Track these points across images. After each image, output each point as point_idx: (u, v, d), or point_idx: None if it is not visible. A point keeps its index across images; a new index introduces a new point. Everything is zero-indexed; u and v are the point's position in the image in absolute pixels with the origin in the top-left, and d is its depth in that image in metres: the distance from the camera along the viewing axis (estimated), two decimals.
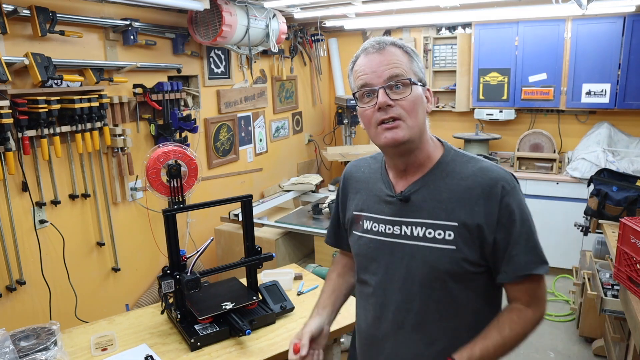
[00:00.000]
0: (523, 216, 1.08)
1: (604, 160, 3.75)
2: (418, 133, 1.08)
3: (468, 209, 1.06)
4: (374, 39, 1.11)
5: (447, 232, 1.07)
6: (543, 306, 1.12)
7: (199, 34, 3.12)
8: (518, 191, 1.09)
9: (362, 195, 1.23)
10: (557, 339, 3.20)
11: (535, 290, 1.10)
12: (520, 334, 1.09)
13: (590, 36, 3.86)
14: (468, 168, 1.10)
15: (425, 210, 1.10)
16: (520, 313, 1.09)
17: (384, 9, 3.48)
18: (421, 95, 1.09)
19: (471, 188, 1.07)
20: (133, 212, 2.97)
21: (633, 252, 1.95)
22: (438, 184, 1.10)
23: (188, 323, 1.70)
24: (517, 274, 1.07)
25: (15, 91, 2.21)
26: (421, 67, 1.11)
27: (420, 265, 1.09)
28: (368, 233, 1.18)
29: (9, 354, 1.45)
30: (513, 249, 1.06)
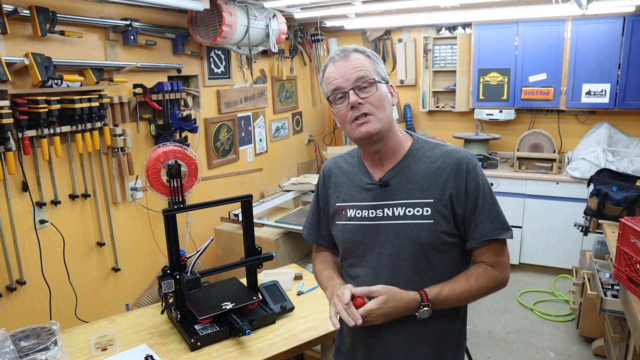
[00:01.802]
0: (485, 188, 1.24)
1: (603, 160, 3.75)
2: (387, 124, 1.23)
3: (440, 186, 1.21)
4: (339, 48, 1.26)
5: (424, 208, 1.21)
6: (506, 271, 1.28)
7: (199, 34, 3.12)
8: (479, 168, 1.25)
9: (343, 188, 1.35)
10: (557, 339, 3.20)
11: (499, 254, 1.26)
12: (484, 287, 1.24)
13: (590, 36, 3.86)
14: (435, 152, 1.26)
15: (404, 192, 1.24)
16: (487, 269, 1.25)
17: (384, 9, 3.48)
18: (386, 92, 1.24)
19: (441, 168, 1.23)
20: (133, 212, 2.97)
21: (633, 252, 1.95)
22: (412, 168, 1.26)
23: (188, 323, 1.70)
24: (483, 239, 1.22)
25: (15, 91, 2.21)
26: (382, 67, 1.27)
27: (404, 240, 1.22)
28: (352, 220, 1.30)
29: (9, 354, 1.45)
30: (478, 217, 1.22)
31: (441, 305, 1.21)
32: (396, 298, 1.18)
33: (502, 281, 1.27)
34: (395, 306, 1.18)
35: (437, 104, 4.74)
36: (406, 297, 1.19)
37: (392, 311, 1.18)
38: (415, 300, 1.19)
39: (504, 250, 1.27)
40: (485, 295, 1.27)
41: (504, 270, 1.27)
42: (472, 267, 1.27)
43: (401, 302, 1.18)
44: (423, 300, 1.19)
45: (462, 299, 1.23)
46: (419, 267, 1.23)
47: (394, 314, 1.18)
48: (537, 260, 4.09)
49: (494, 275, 1.25)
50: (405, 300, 1.19)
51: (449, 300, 1.21)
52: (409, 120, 4.91)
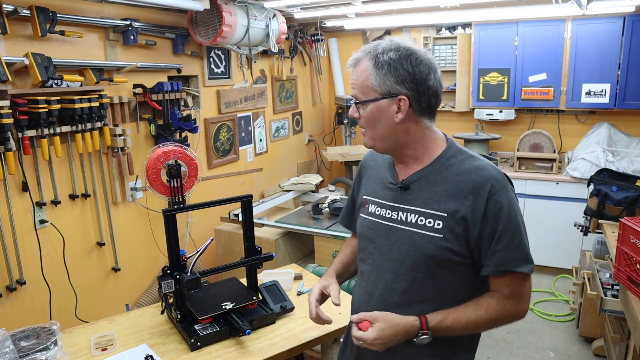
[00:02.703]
0: (511, 214, 1.13)
1: (603, 160, 3.75)
2: (382, 141, 1.20)
3: (458, 202, 1.13)
4: (361, 49, 1.19)
5: (436, 221, 1.15)
6: (524, 304, 1.18)
7: (199, 34, 3.12)
8: (508, 191, 1.15)
9: (372, 182, 1.34)
10: (557, 339, 3.20)
11: (518, 286, 1.16)
12: (494, 320, 1.16)
13: (590, 36, 3.86)
14: (465, 164, 1.17)
15: (421, 199, 1.18)
16: (501, 301, 1.16)
17: (384, 9, 3.48)
18: (381, 109, 1.15)
19: (464, 183, 1.14)
20: (133, 212, 2.97)
21: (633, 252, 1.95)
22: (435, 177, 1.18)
23: (188, 323, 1.70)
24: (499, 269, 1.13)
25: (15, 91, 2.21)
26: (395, 76, 1.12)
27: (410, 249, 1.18)
28: (371, 216, 1.29)
29: (9, 354, 1.45)
30: (497, 244, 1.12)
31: (443, 333, 1.15)
32: (392, 324, 1.14)
33: (516, 314, 1.18)
34: (393, 333, 1.14)
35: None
36: (404, 322, 1.15)
37: (391, 339, 1.13)
38: (413, 327, 1.14)
39: (523, 283, 1.17)
40: (496, 327, 1.19)
41: (521, 304, 1.18)
42: (486, 295, 1.18)
43: (398, 327, 1.14)
44: (422, 327, 1.14)
45: (467, 329, 1.16)
46: (420, 278, 1.18)
47: (392, 341, 1.14)
48: (537, 260, 4.03)
49: (508, 307, 1.16)
50: (403, 326, 1.14)
51: (453, 329, 1.15)
52: None
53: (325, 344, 1.83)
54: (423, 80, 1.13)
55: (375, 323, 1.14)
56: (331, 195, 3.84)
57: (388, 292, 1.22)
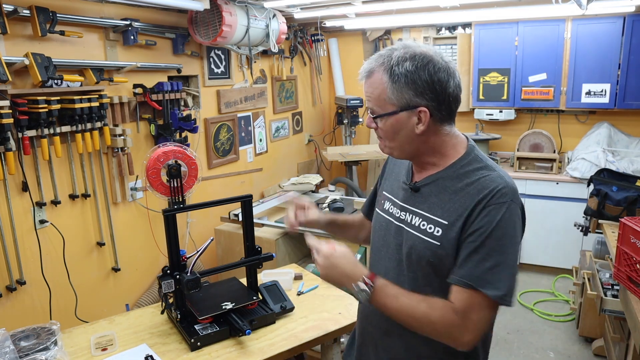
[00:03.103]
0: (498, 231, 1.05)
1: (603, 160, 3.75)
2: (401, 151, 1.18)
3: (460, 211, 1.10)
4: (371, 59, 1.14)
5: (436, 228, 1.13)
6: (467, 333, 1.06)
7: (199, 34, 3.12)
8: (509, 209, 1.07)
9: (392, 178, 1.35)
10: (557, 339, 3.20)
11: (472, 309, 1.05)
12: (431, 320, 1.08)
13: (590, 36, 3.86)
14: (478, 174, 1.12)
15: (427, 204, 1.17)
16: (447, 308, 1.07)
17: (384, 9, 3.48)
18: (400, 122, 1.12)
19: (469, 193, 1.10)
20: (133, 212, 2.97)
21: (633, 252, 1.95)
22: (446, 183, 1.15)
23: (188, 323, 1.70)
24: (462, 280, 1.06)
25: (15, 91, 2.21)
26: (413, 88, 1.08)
27: (411, 252, 1.17)
28: (384, 213, 1.30)
29: (9, 354, 1.45)
30: (472, 255, 1.06)
31: (381, 300, 1.11)
32: (347, 256, 1.16)
33: (453, 334, 1.07)
34: (343, 262, 1.15)
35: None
36: (357, 263, 1.16)
37: (337, 263, 1.15)
38: (361, 271, 1.13)
39: (480, 309, 1.05)
40: (430, 333, 1.10)
41: (464, 328, 1.06)
42: (440, 299, 1.11)
43: (348, 261, 1.15)
44: (369, 277, 1.12)
45: (402, 312, 1.10)
46: (419, 284, 1.16)
47: (337, 268, 1.14)
48: (537, 260, 4.09)
49: (450, 318, 1.06)
50: (355, 264, 1.15)
51: (390, 301, 1.11)
52: None
53: (325, 344, 1.83)
54: (443, 90, 1.09)
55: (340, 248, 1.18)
56: (331, 195, 3.84)
57: None
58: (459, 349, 1.08)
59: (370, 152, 4.46)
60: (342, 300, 1.95)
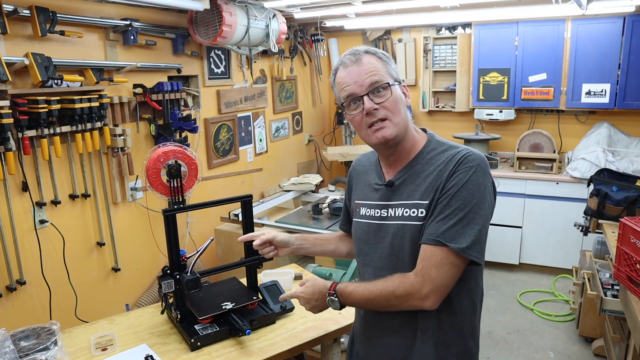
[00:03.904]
0: (463, 192, 1.12)
1: (603, 160, 3.75)
2: (403, 127, 1.22)
3: (436, 186, 1.16)
4: (349, 52, 1.23)
5: (419, 209, 1.18)
6: (426, 285, 1.11)
7: (199, 34, 3.12)
8: (476, 172, 1.13)
9: (361, 186, 1.38)
10: (557, 339, 3.20)
11: (432, 264, 1.11)
12: (389, 291, 1.15)
13: (590, 36, 3.86)
14: (445, 155, 1.20)
15: (406, 193, 1.23)
16: (404, 276, 1.15)
17: (384, 9, 3.48)
18: (400, 94, 1.22)
19: (442, 170, 1.17)
20: (133, 212, 2.97)
21: (633, 252, 1.95)
22: (417, 170, 1.23)
23: (188, 323, 1.70)
24: (429, 237, 1.12)
25: (15, 91, 2.21)
26: (394, 67, 1.25)
27: (402, 241, 1.20)
28: (362, 218, 1.33)
29: (9, 354, 1.45)
30: (438, 215, 1.13)
31: (347, 300, 1.23)
32: (315, 284, 1.31)
33: (414, 292, 1.11)
34: (312, 291, 1.30)
35: (437, 104, 4.74)
36: (320, 282, 1.30)
37: (311, 296, 1.30)
38: (325, 287, 1.27)
39: (441, 264, 1.10)
40: (394, 303, 1.15)
41: (424, 283, 1.10)
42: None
43: (316, 287, 1.29)
44: (330, 288, 1.25)
45: (367, 299, 1.19)
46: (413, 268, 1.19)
47: (312, 298, 1.30)
48: (537, 260, 4.09)
49: (407, 282, 1.13)
50: (320, 286, 1.29)
51: (354, 295, 1.21)
52: None
53: (325, 344, 1.83)
54: None
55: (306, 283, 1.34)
56: (331, 195, 3.84)
57: None
58: (425, 308, 1.12)
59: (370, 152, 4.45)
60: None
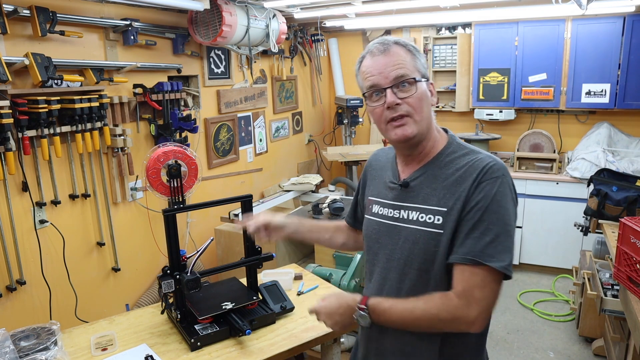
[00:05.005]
0: (493, 205, 1.07)
1: (603, 160, 3.75)
2: (425, 126, 1.16)
3: (457, 195, 1.11)
4: (378, 40, 1.17)
5: (436, 216, 1.13)
6: (473, 310, 1.05)
7: (199, 34, 3.12)
8: (502, 183, 1.09)
9: (376, 182, 1.34)
10: (557, 339, 3.20)
11: (474, 286, 1.06)
12: (432, 314, 1.08)
13: (590, 36, 3.86)
14: (465, 159, 1.16)
15: (421, 196, 1.17)
16: (446, 297, 1.08)
17: (384, 9, 3.48)
18: (426, 91, 1.16)
19: (462, 177, 1.12)
20: (133, 212, 2.97)
21: (633, 252, 1.95)
22: (435, 173, 1.17)
23: (188, 323, 1.70)
24: (465, 257, 1.07)
25: (15, 91, 2.21)
26: (423, 63, 1.18)
27: (413, 247, 1.16)
28: (375, 216, 1.28)
29: (9, 354, 1.45)
30: (472, 232, 1.07)
31: (381, 317, 1.13)
32: (339, 297, 1.22)
33: (461, 317, 1.06)
34: (337, 304, 1.20)
35: (437, 104, 4.74)
36: (348, 296, 1.20)
37: (334, 309, 1.20)
38: (354, 301, 1.17)
39: (483, 285, 1.05)
40: (438, 327, 1.10)
41: (469, 308, 1.05)
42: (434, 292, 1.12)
43: (342, 300, 1.20)
44: (361, 302, 1.15)
45: (404, 318, 1.11)
46: (423, 278, 1.15)
47: (336, 313, 1.20)
48: (537, 260, 4.09)
49: (451, 305, 1.06)
50: (347, 299, 1.20)
51: (389, 314, 1.12)
52: None
53: (325, 344, 1.83)
54: None
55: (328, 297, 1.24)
56: (331, 195, 3.84)
57: (394, 291, 1.21)
58: (471, 331, 1.08)
59: (370, 152, 4.45)
60: None
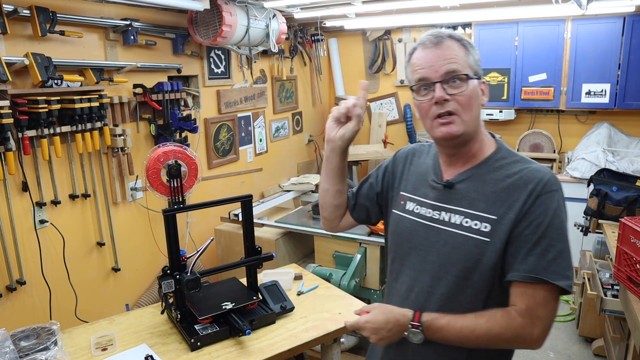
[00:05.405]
0: (555, 220, 1.04)
1: (603, 160, 3.75)
2: (472, 127, 1.11)
3: (508, 204, 1.06)
4: (431, 32, 1.12)
5: (483, 223, 1.08)
6: (537, 328, 1.02)
7: (199, 34, 3.12)
8: (558, 196, 1.06)
9: (413, 178, 1.27)
10: (557, 338, 3.20)
11: (538, 305, 1.02)
12: (495, 333, 1.03)
13: (590, 36, 3.86)
14: (516, 167, 1.11)
15: (467, 200, 1.12)
16: (508, 316, 1.04)
17: (384, 9, 3.48)
18: (477, 89, 1.11)
19: (514, 186, 1.07)
20: (133, 212, 2.97)
21: (633, 252, 1.94)
22: (484, 177, 1.12)
23: (188, 323, 1.70)
24: (528, 275, 1.02)
25: (15, 91, 2.21)
26: (477, 59, 1.13)
27: (452, 251, 1.10)
28: (409, 214, 1.22)
29: (9, 354, 1.45)
30: (534, 248, 1.03)
31: (436, 335, 1.07)
32: (386, 311, 1.12)
33: (524, 337, 1.02)
34: (384, 320, 1.10)
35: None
36: (397, 311, 1.11)
37: (382, 325, 1.10)
38: (405, 317, 1.09)
39: (547, 303, 1.02)
40: (499, 345, 1.06)
41: (534, 327, 1.01)
42: (495, 308, 1.07)
43: (391, 315, 1.11)
44: (414, 319, 1.08)
45: (462, 337, 1.05)
46: (460, 285, 1.10)
47: (384, 329, 1.10)
48: None
49: (515, 324, 1.02)
50: (396, 314, 1.10)
51: (446, 332, 1.06)
52: (409, 121, 4.91)
53: (325, 344, 1.83)
54: None
55: (372, 311, 1.14)
56: None
57: (424, 295, 1.15)
58: (533, 348, 1.05)
59: (370, 152, 4.46)
60: (342, 300, 1.95)
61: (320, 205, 1.42)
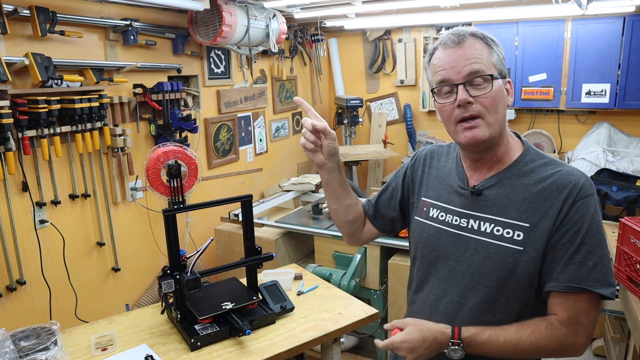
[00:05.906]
0: (593, 226, 1.00)
1: (603, 160, 3.75)
2: (498, 130, 1.05)
3: (542, 211, 1.02)
4: (452, 31, 1.07)
5: (516, 232, 1.03)
6: (581, 337, 1.00)
7: (199, 34, 3.12)
8: (594, 200, 1.02)
9: (433, 182, 1.21)
10: None
11: (580, 313, 0.99)
12: (540, 345, 1.00)
13: (590, 36, 3.86)
14: (547, 170, 1.06)
15: (497, 207, 1.06)
16: (552, 326, 1.00)
17: (384, 9, 3.48)
18: (502, 90, 1.05)
19: (548, 191, 1.03)
20: (133, 212, 2.97)
21: (633, 252, 1.94)
22: (514, 183, 1.07)
23: (188, 323, 1.70)
24: (570, 285, 0.99)
25: (15, 91, 2.21)
26: (502, 57, 1.08)
27: (484, 261, 1.06)
28: (433, 221, 1.17)
29: (9, 354, 1.45)
30: (573, 257, 0.99)
31: (478, 350, 1.02)
32: (422, 329, 1.05)
33: (570, 346, 1.00)
34: (421, 338, 1.04)
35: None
36: (435, 328, 1.05)
37: (418, 343, 1.04)
38: (444, 335, 1.03)
39: (589, 311, 0.99)
40: (543, 356, 1.03)
41: (577, 335, 0.99)
42: (536, 319, 1.03)
43: (428, 333, 1.04)
44: (454, 337, 1.02)
45: (506, 351, 1.01)
46: (494, 296, 1.05)
47: (421, 347, 1.04)
48: None
49: (560, 335, 0.99)
50: (433, 332, 1.04)
51: (488, 347, 1.02)
52: (409, 121, 4.90)
53: (325, 344, 1.83)
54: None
55: (406, 328, 1.07)
56: None
57: (454, 306, 1.10)
58: (576, 356, 1.03)
59: (370, 152, 4.46)
60: (342, 300, 1.95)
61: (337, 225, 1.38)
